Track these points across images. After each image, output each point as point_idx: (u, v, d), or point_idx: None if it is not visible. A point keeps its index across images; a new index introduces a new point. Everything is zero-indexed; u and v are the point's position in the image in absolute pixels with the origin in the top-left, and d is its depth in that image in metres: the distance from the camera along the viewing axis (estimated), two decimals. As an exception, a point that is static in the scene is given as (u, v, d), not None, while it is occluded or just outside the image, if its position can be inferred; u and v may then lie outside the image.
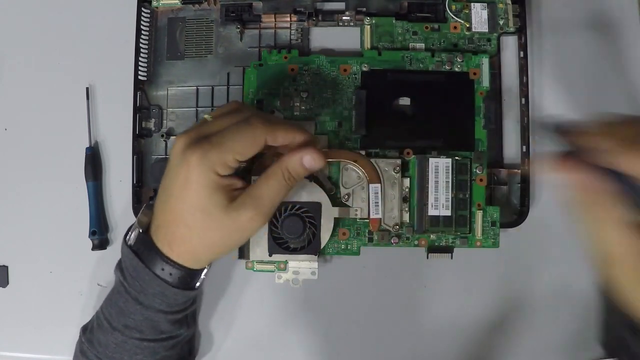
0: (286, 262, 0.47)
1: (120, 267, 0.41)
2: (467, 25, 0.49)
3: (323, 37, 0.51)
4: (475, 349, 0.49)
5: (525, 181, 0.48)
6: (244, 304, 0.49)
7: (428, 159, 0.46)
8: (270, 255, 0.46)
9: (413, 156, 0.47)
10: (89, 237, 0.49)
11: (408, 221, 0.47)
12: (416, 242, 0.47)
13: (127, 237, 0.41)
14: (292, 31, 0.51)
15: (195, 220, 0.38)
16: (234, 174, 0.40)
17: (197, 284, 0.42)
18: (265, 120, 0.39)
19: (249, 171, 0.44)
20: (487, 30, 0.49)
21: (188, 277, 0.40)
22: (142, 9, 0.50)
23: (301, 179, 0.42)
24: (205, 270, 0.42)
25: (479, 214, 0.47)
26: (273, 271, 0.47)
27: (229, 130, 0.38)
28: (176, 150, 0.38)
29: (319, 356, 0.49)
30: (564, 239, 0.49)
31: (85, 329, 0.43)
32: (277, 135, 0.40)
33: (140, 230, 0.40)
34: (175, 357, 0.44)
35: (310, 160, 0.40)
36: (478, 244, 0.47)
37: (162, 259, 0.39)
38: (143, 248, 0.40)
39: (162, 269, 0.39)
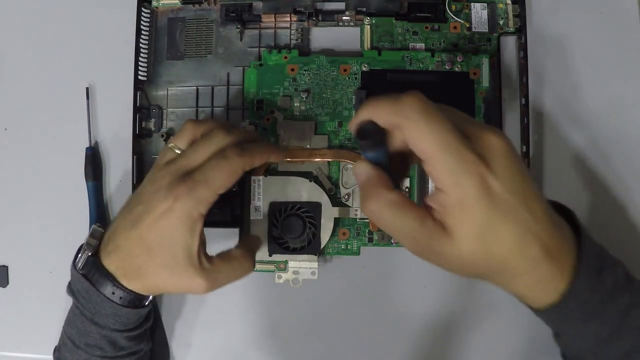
0: (286, 262, 0.47)
1: (71, 289, 0.41)
2: (467, 25, 0.49)
3: (323, 37, 0.51)
4: (475, 349, 0.49)
5: (525, 181, 0.48)
6: (244, 304, 0.49)
7: (428, 159, 0.46)
8: (270, 255, 0.46)
9: (413, 156, 0.47)
10: (89, 237, 0.49)
11: (408, 221, 0.47)
12: (416, 242, 0.47)
13: (77, 259, 0.41)
14: (292, 31, 0.50)
15: (158, 253, 0.38)
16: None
17: (147, 302, 0.42)
18: (241, 152, 0.40)
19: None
20: (487, 30, 0.49)
21: (136, 300, 0.41)
22: (142, 9, 0.50)
23: None
24: None
25: (479, 214, 0.46)
26: (273, 271, 0.47)
27: (208, 165, 0.39)
28: (162, 183, 0.38)
29: (319, 356, 0.49)
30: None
31: (55, 350, 0.44)
32: (253, 163, 0.41)
33: (90, 254, 0.40)
34: None
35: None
36: (478, 244, 0.47)
37: (113, 284, 0.39)
38: (94, 271, 0.40)
39: (113, 293, 0.39)
